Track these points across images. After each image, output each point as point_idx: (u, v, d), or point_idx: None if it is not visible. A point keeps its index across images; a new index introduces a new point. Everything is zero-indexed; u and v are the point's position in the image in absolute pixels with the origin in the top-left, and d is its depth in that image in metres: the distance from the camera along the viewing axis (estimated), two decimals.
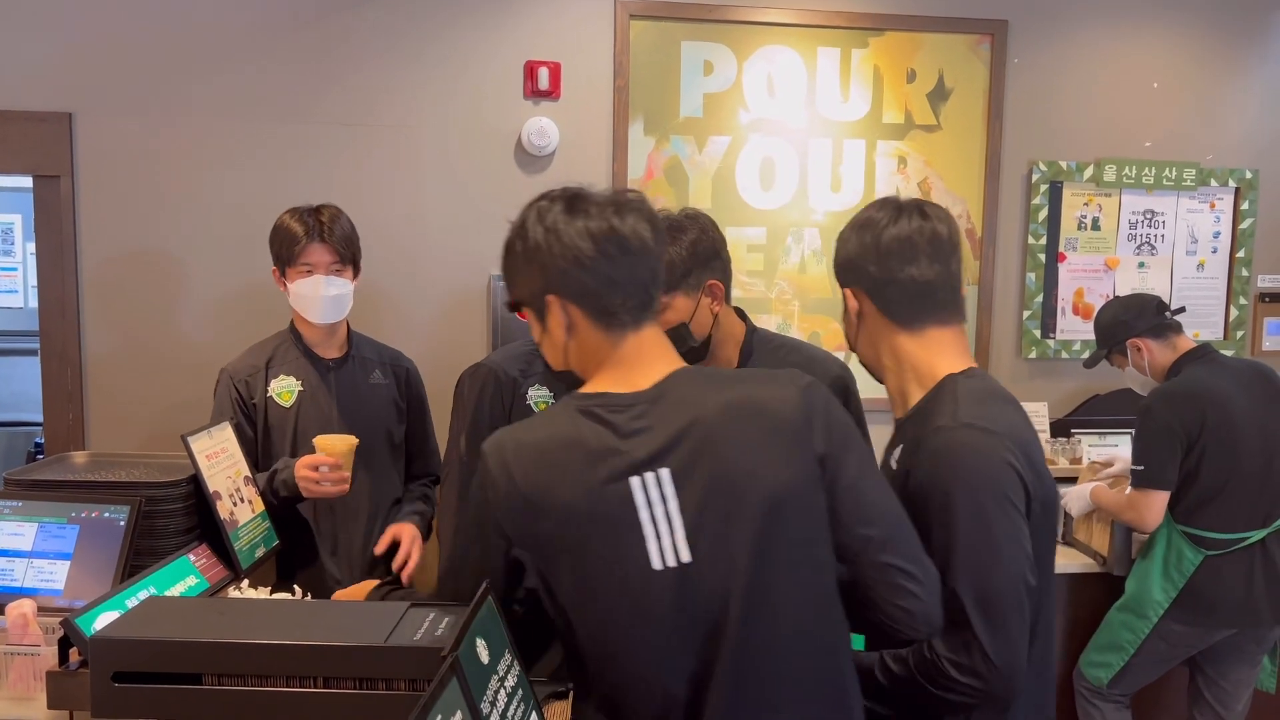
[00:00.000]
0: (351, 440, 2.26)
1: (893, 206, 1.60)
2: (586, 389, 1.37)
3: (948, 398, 1.50)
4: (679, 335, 1.98)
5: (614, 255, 1.32)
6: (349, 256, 2.44)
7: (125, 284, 3.15)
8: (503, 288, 3.33)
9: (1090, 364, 3.14)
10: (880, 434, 1.87)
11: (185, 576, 1.91)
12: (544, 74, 3.27)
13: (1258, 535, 2.75)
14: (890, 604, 1.31)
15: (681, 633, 1.25)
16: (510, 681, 1.12)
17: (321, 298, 2.39)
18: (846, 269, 1.63)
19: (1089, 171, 3.61)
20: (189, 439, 2.02)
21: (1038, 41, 3.55)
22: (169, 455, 2.28)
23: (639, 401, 1.31)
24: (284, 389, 2.43)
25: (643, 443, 1.28)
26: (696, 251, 2.03)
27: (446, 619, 1.28)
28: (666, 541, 1.25)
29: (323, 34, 3.17)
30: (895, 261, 1.55)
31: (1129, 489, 2.81)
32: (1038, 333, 3.65)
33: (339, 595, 2.13)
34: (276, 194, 3.14)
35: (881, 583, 1.31)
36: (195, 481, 2.03)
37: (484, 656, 1.07)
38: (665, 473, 1.27)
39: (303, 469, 2.23)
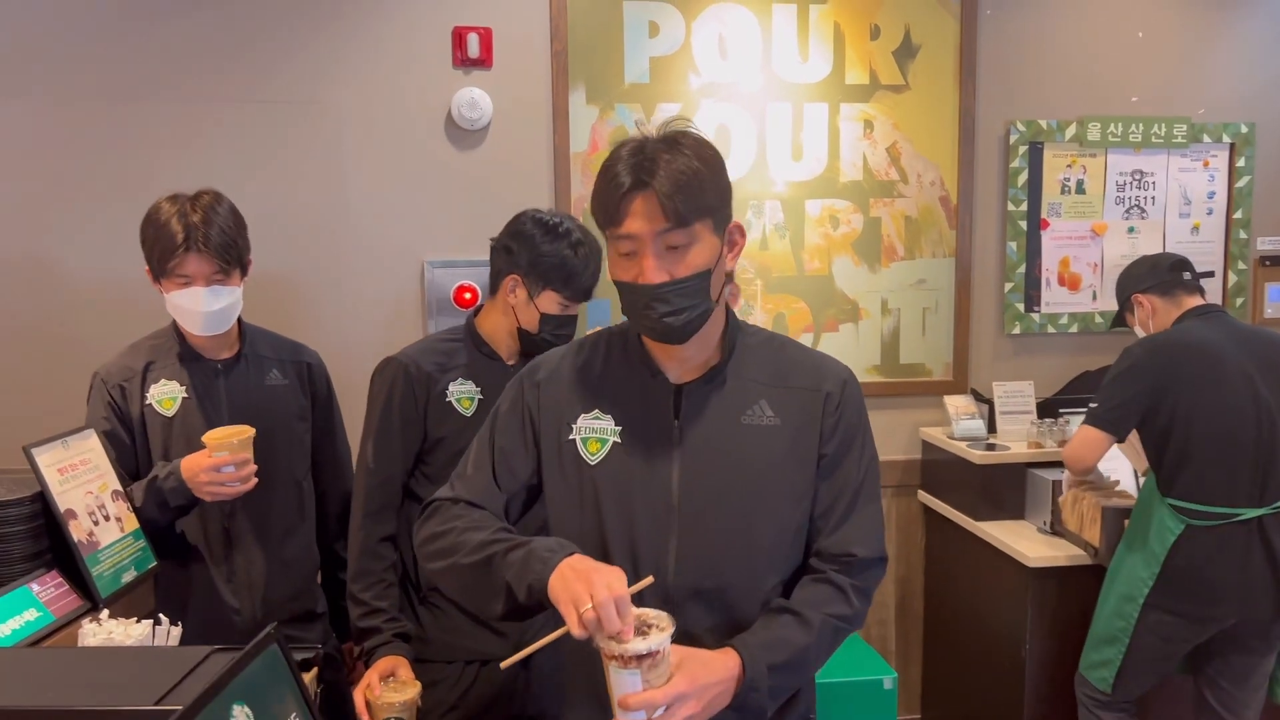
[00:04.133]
0: (247, 430, 1.99)
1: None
2: None
3: None
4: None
5: None
6: (234, 260, 2.07)
7: (19, 286, 2.89)
8: (439, 274, 3.13)
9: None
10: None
11: (23, 610, 1.66)
12: (474, 40, 3.01)
13: (1251, 513, 2.48)
14: None
15: None
16: None
17: (202, 313, 2.05)
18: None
19: (1071, 130, 3.34)
20: (33, 451, 1.77)
21: None
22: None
23: None
24: (165, 395, 2.12)
25: None
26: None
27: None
28: None
29: (230, 4, 2.91)
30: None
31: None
32: (1021, 306, 3.38)
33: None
34: (183, 180, 2.85)
35: None
36: (44, 499, 1.77)
37: None
38: None
39: (203, 473, 1.95)
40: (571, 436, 1.49)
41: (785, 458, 1.46)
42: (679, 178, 1.35)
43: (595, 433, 1.48)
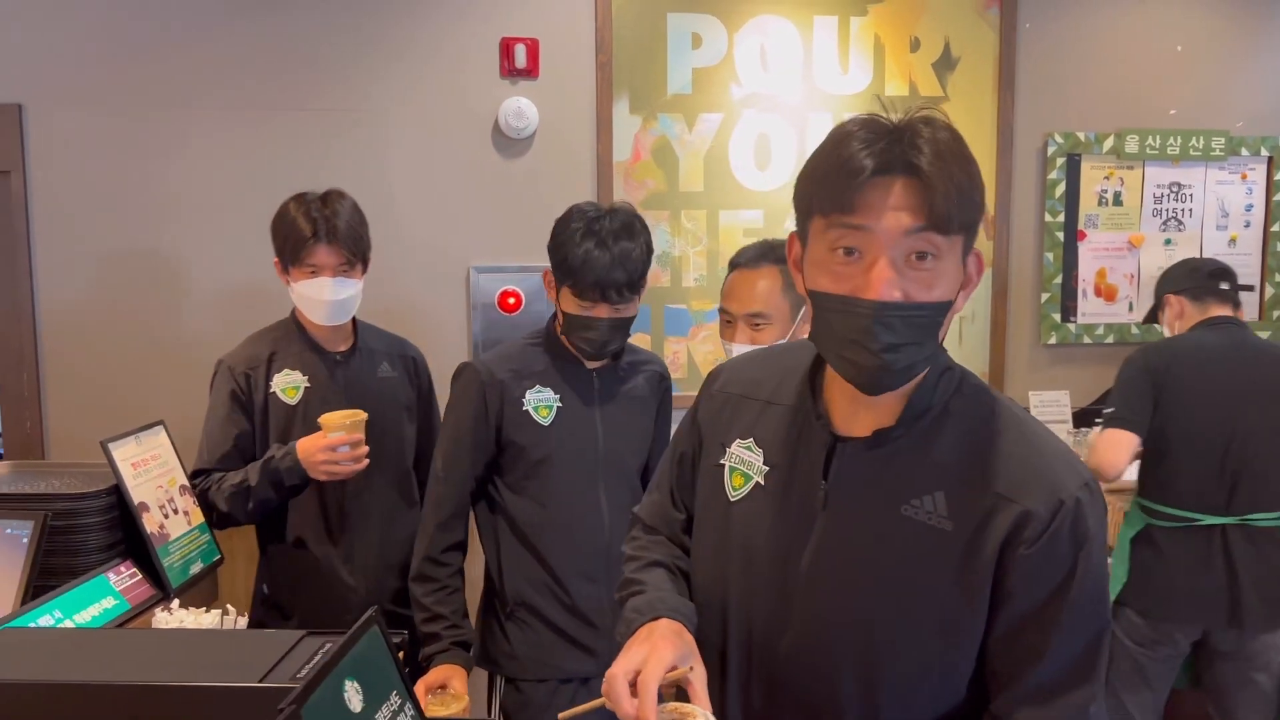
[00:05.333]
0: (360, 414, 2.10)
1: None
2: None
3: None
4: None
5: None
6: (359, 254, 2.22)
7: (84, 284, 2.98)
8: (483, 280, 3.19)
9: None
10: None
11: (101, 598, 1.73)
12: (521, 51, 3.07)
13: (1212, 520, 2.53)
14: None
15: None
16: None
17: (328, 302, 2.18)
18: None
19: (1109, 143, 3.37)
20: (110, 445, 1.84)
21: (1051, 4, 3.31)
22: (104, 464, 2.09)
23: None
24: (289, 385, 2.24)
25: None
26: None
27: None
28: None
29: (283, 14, 2.99)
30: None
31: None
32: (1057, 317, 3.41)
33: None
34: (240, 184, 2.99)
35: None
36: (119, 492, 1.84)
37: (355, 703, 0.87)
38: None
39: (319, 452, 2.05)
40: (721, 461, 1.23)
41: (946, 577, 1.06)
42: (955, 167, 1.00)
43: (743, 465, 1.20)
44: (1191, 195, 3.44)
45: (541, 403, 2.02)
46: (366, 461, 2.10)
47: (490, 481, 2.07)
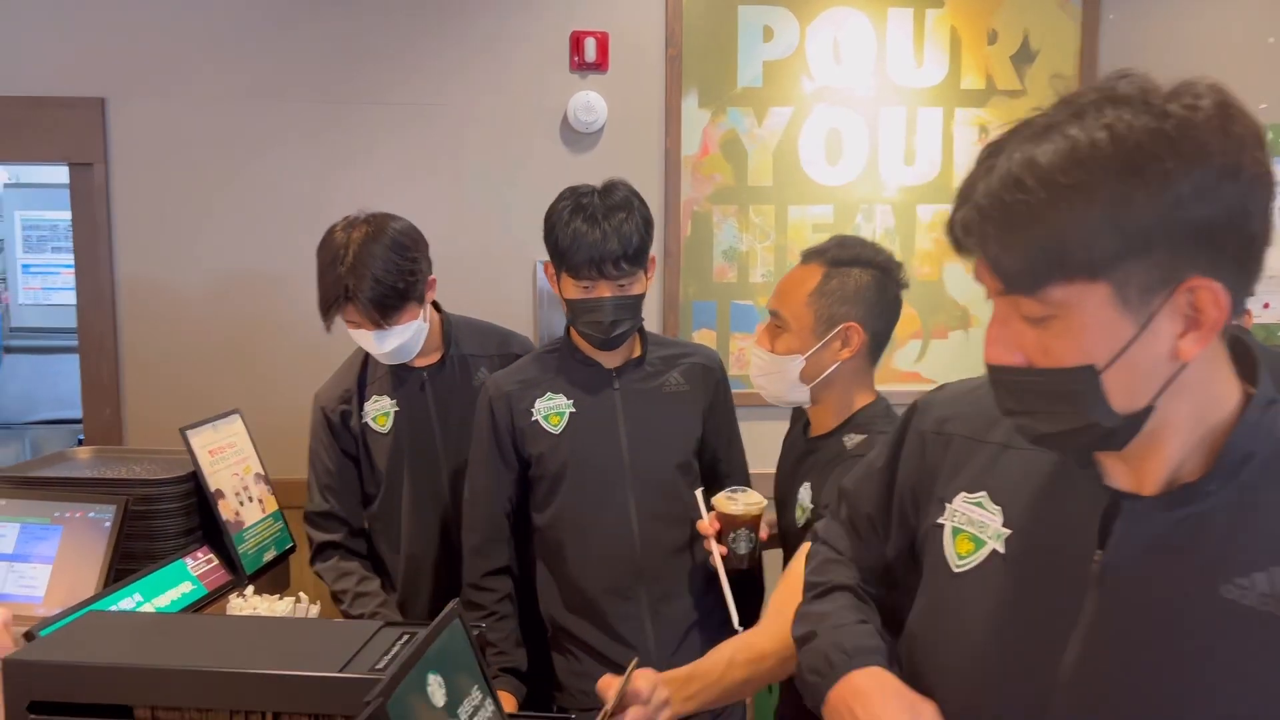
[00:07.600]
0: None
1: None
2: None
3: None
4: None
5: None
6: (394, 306, 1.94)
7: (162, 274, 3.04)
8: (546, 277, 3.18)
9: None
10: None
11: (179, 583, 1.76)
12: (591, 45, 3.06)
13: None
14: None
15: None
16: None
17: (379, 353, 2.02)
18: None
19: None
20: (188, 433, 1.87)
21: None
22: (181, 451, 2.12)
23: None
24: (379, 412, 2.10)
25: None
26: None
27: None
28: None
29: (358, 9, 3.02)
30: None
31: None
32: None
33: None
34: (314, 176, 3.03)
35: None
36: (196, 479, 1.87)
37: (438, 697, 0.87)
38: None
39: None
40: (941, 520, 0.99)
41: None
42: (1000, 211, 0.80)
43: (972, 526, 0.95)
44: None
45: (551, 410, 1.91)
46: None
47: (526, 502, 1.99)
